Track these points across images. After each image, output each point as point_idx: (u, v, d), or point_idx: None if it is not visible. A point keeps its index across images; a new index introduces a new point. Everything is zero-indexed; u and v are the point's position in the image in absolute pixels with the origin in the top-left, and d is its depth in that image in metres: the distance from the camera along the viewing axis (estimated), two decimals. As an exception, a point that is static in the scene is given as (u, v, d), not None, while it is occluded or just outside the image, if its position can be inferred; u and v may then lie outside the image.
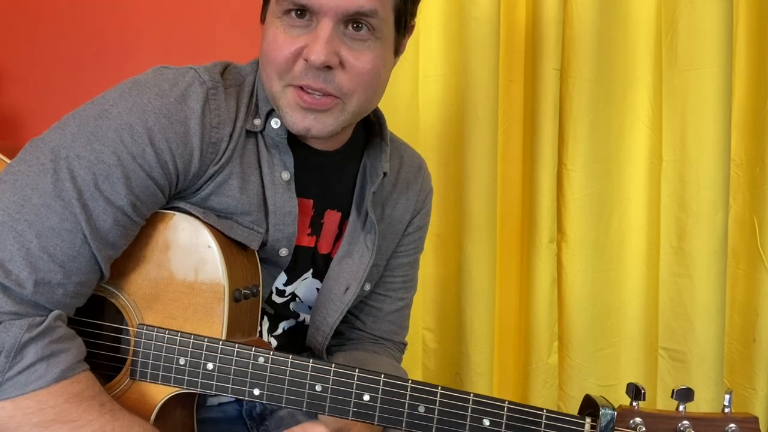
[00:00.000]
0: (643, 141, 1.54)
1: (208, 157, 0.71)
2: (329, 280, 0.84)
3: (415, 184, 0.93)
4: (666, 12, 1.45)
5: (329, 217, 0.84)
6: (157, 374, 0.67)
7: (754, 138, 1.54)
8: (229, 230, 0.72)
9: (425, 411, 0.63)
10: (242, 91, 0.76)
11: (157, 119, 0.67)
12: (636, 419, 0.58)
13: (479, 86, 1.39)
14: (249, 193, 0.74)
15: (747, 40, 1.54)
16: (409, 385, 0.64)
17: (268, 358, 0.66)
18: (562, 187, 1.49)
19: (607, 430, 0.59)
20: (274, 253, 0.78)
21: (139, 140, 0.66)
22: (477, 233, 1.43)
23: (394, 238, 0.92)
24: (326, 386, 0.65)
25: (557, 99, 1.43)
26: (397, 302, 0.96)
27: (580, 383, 1.57)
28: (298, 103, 0.71)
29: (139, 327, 0.68)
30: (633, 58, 1.51)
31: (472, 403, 0.62)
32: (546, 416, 0.61)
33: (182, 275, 0.69)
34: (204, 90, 0.71)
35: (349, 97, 0.73)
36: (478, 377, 1.47)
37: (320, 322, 0.85)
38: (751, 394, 1.59)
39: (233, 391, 0.66)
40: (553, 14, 1.39)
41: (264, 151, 0.76)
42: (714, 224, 1.44)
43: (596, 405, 0.60)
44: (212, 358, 0.66)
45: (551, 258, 1.48)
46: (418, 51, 1.43)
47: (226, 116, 0.72)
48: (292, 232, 0.77)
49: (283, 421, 0.88)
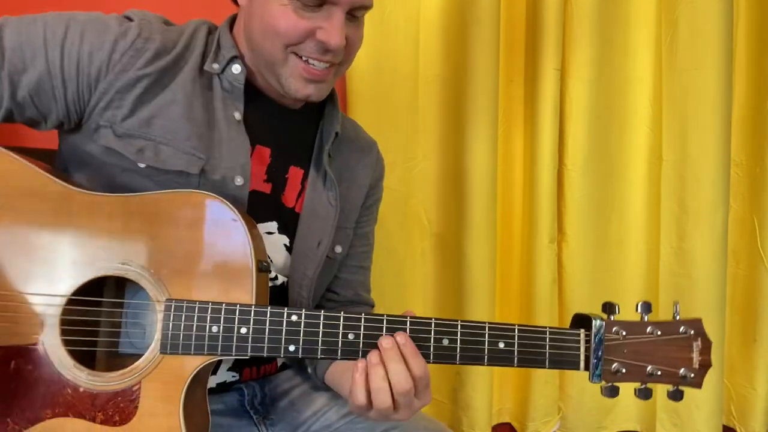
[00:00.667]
0: (643, 141, 1.54)
1: (128, 58, 0.76)
2: (301, 238, 0.88)
3: (371, 155, 1.01)
4: (666, 12, 1.45)
5: (293, 173, 0.89)
6: (189, 344, 0.70)
7: (754, 138, 1.55)
8: (168, 161, 0.77)
9: (449, 342, 0.71)
10: (195, 34, 0.84)
11: (87, 16, 0.77)
12: (616, 327, 0.73)
13: (479, 86, 1.39)
14: (193, 121, 0.79)
15: (747, 40, 1.54)
16: (432, 321, 0.71)
17: (300, 315, 0.70)
18: (562, 187, 1.50)
19: (599, 335, 0.73)
20: (230, 182, 0.80)
21: (58, 19, 0.75)
22: (477, 233, 1.43)
23: (357, 202, 0.97)
24: (358, 333, 0.71)
25: (557, 99, 1.44)
26: (364, 271, 1.04)
27: (580, 383, 1.57)
28: (303, 75, 0.79)
29: (167, 302, 0.70)
30: (633, 58, 1.51)
31: (489, 330, 0.72)
32: (549, 333, 0.73)
33: (208, 249, 0.72)
34: (135, 16, 0.80)
35: (343, 64, 0.84)
36: (478, 377, 1.47)
37: (300, 278, 0.88)
38: (751, 394, 1.60)
39: (268, 350, 0.70)
40: (553, 14, 1.39)
41: (219, 91, 0.82)
42: (714, 224, 1.44)
43: (587, 318, 0.74)
44: (245, 321, 0.70)
45: (551, 258, 1.48)
46: (418, 51, 1.44)
47: (158, 37, 0.79)
48: (245, 161, 0.81)
49: (285, 411, 0.90)
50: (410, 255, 1.49)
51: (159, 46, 0.78)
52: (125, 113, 0.76)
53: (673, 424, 1.55)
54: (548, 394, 1.55)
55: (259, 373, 0.93)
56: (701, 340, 0.76)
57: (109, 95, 0.76)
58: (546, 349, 0.73)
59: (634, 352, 0.74)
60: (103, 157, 0.77)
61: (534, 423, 1.56)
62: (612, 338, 0.73)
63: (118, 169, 0.77)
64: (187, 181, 0.78)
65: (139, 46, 0.77)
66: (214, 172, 0.79)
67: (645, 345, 0.74)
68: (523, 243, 1.55)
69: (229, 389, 0.90)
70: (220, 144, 0.80)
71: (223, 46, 0.83)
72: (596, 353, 0.73)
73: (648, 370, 0.74)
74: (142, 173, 0.77)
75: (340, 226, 0.92)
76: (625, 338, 0.73)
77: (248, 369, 0.90)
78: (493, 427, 1.58)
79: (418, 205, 1.48)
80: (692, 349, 0.75)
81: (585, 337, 0.73)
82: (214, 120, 0.81)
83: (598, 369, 0.73)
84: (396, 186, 1.44)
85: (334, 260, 0.94)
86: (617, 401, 1.63)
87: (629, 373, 0.74)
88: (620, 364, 0.73)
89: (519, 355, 0.72)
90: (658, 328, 0.74)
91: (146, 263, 0.71)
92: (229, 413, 0.88)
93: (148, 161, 0.76)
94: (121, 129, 0.76)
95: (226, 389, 0.90)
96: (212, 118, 0.81)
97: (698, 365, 0.76)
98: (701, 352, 0.76)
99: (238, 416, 0.88)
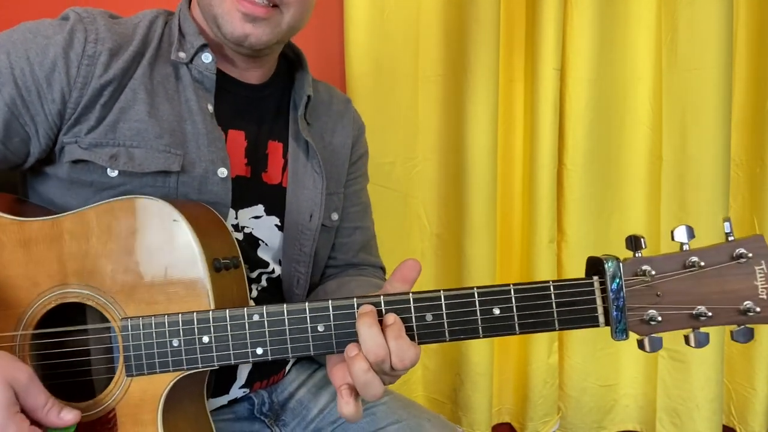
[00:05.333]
0: (643, 141, 1.54)
1: (85, 68, 0.72)
2: (291, 213, 0.86)
3: (348, 114, 0.98)
4: (666, 12, 1.45)
5: (273, 148, 0.86)
6: (154, 363, 0.64)
7: (754, 138, 1.55)
8: (145, 164, 0.73)
9: (433, 318, 0.62)
10: (152, 27, 0.80)
11: (22, 34, 0.71)
12: (643, 266, 0.60)
13: (479, 86, 1.39)
14: (160, 117, 0.75)
15: (747, 40, 1.54)
16: (410, 296, 0.62)
17: (262, 313, 0.63)
18: (561, 187, 1.50)
19: (616, 280, 0.60)
20: (213, 175, 0.77)
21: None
22: (477, 233, 1.43)
23: (343, 164, 0.94)
24: (328, 324, 0.63)
25: (557, 99, 1.43)
26: (364, 231, 0.99)
27: (580, 383, 1.57)
28: (237, 8, 0.74)
29: (123, 320, 0.65)
30: (633, 58, 1.51)
31: (479, 296, 0.62)
32: (554, 287, 0.62)
33: (154, 257, 0.67)
34: (75, 15, 0.74)
35: (287, 7, 0.77)
36: (478, 377, 1.47)
37: (297, 254, 0.86)
38: (751, 394, 1.59)
39: (235, 356, 0.64)
40: (553, 14, 1.39)
41: (188, 81, 0.78)
42: (714, 224, 1.44)
43: (599, 261, 0.62)
44: (205, 330, 0.64)
45: (551, 258, 1.48)
46: (418, 51, 1.44)
47: (107, 35, 0.74)
48: (225, 155, 0.78)
49: (295, 410, 0.89)
50: (410, 255, 1.49)
51: (112, 46, 0.74)
52: (91, 125, 0.73)
53: (673, 424, 1.54)
54: (548, 394, 1.55)
55: (269, 382, 0.91)
56: (767, 261, 0.58)
57: (77, 113, 0.72)
58: (553, 308, 0.61)
59: (672, 292, 0.59)
60: (71, 181, 0.73)
61: (534, 423, 1.56)
62: (637, 281, 0.60)
63: (90, 191, 0.73)
64: (166, 182, 0.74)
65: (91, 51, 0.72)
66: (194, 166, 0.76)
67: (686, 282, 0.59)
68: (523, 243, 1.55)
69: (239, 401, 0.88)
70: (196, 137, 0.77)
71: (187, 32, 0.80)
72: (616, 303, 0.60)
73: (695, 312, 0.59)
74: (114, 183, 0.73)
75: (330, 193, 0.89)
76: (654, 278, 0.60)
77: (258, 383, 0.88)
78: (492, 427, 1.58)
79: (418, 205, 1.48)
80: (755, 275, 0.58)
81: (600, 285, 0.61)
82: (186, 112, 0.77)
83: (622, 322, 0.60)
84: (396, 186, 1.44)
85: (331, 229, 0.91)
86: (617, 401, 1.63)
87: (669, 320, 0.60)
88: (655, 310, 0.60)
89: (520, 320, 0.61)
90: (702, 258, 0.59)
91: (96, 284, 0.67)
92: (241, 421, 0.86)
93: (123, 167, 0.72)
94: (86, 141, 0.72)
95: (236, 401, 0.88)
96: (183, 109, 0.77)
97: (767, 294, 0.59)
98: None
99: (251, 422, 0.87)
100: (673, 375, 1.53)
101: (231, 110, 0.83)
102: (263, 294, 0.86)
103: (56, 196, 0.76)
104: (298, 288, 0.88)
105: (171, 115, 0.76)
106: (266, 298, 0.86)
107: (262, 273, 0.86)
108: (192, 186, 0.76)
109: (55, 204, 0.76)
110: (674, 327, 0.60)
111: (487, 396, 1.48)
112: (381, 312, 0.62)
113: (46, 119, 0.72)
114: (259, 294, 0.86)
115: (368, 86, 1.39)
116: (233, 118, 0.83)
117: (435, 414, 0.86)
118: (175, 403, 0.68)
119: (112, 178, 0.73)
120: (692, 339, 0.61)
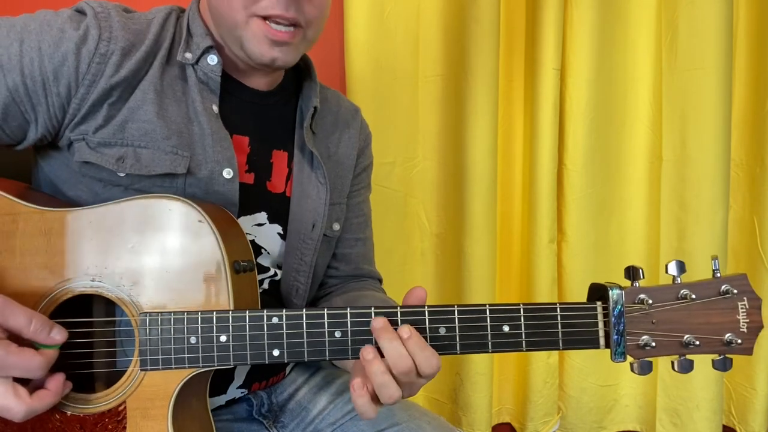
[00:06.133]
0: (643, 141, 1.54)
1: (96, 66, 0.72)
2: (294, 222, 0.86)
3: (354, 123, 0.97)
4: (666, 12, 1.45)
5: (277, 157, 0.86)
6: (170, 358, 0.66)
7: (754, 138, 1.55)
8: (152, 165, 0.74)
9: (446, 331, 0.65)
10: (165, 25, 0.79)
11: (39, 24, 0.71)
12: (641, 295, 0.65)
13: (479, 86, 1.39)
14: (168, 118, 0.75)
15: (747, 40, 1.54)
16: (426, 308, 0.65)
17: (281, 315, 0.65)
18: (562, 187, 1.50)
19: (618, 306, 0.65)
20: (219, 176, 0.77)
21: (10, 36, 0.70)
22: (477, 233, 1.43)
23: (347, 176, 0.94)
24: (345, 330, 0.65)
25: (557, 99, 1.44)
26: (365, 241, 1.00)
27: (580, 383, 1.57)
28: (267, 35, 0.75)
29: (141, 315, 0.66)
30: (633, 58, 1.51)
31: (490, 312, 0.65)
32: (560, 309, 0.66)
33: (177, 255, 0.68)
34: (91, 10, 0.74)
35: (311, 26, 0.78)
36: (478, 377, 1.47)
37: (297, 263, 0.86)
38: (751, 394, 1.60)
39: (252, 357, 0.66)
40: (553, 14, 1.39)
41: (194, 82, 0.79)
42: (714, 224, 1.44)
43: (603, 288, 0.66)
44: (224, 329, 0.66)
45: (551, 258, 1.48)
46: (418, 51, 1.44)
47: (121, 33, 0.74)
48: (231, 155, 0.78)
49: (295, 412, 0.89)
50: (410, 255, 1.49)
51: (124, 45, 0.74)
52: (99, 123, 0.73)
53: (673, 424, 1.55)
54: (548, 394, 1.55)
55: (268, 383, 0.91)
56: (748, 298, 0.64)
57: (83, 110, 0.73)
58: (558, 329, 0.65)
59: (665, 321, 0.65)
60: (82, 174, 0.74)
61: (534, 423, 1.56)
62: (635, 308, 0.65)
63: (99, 185, 0.74)
64: (173, 183, 0.75)
65: (104, 50, 0.72)
66: (200, 168, 0.76)
67: (678, 312, 0.65)
68: (523, 243, 1.55)
69: (237, 401, 0.88)
70: (202, 138, 0.77)
71: (195, 33, 0.80)
72: (617, 328, 0.64)
73: (684, 341, 0.64)
74: (123, 183, 0.73)
75: (333, 203, 0.89)
76: (651, 307, 0.64)
77: (257, 383, 0.88)
78: (493, 427, 1.58)
79: (418, 205, 1.48)
80: (737, 310, 0.65)
81: (602, 310, 0.65)
82: (193, 113, 0.78)
83: (621, 346, 0.64)
84: (396, 186, 1.44)
85: (332, 238, 0.92)
86: (617, 401, 1.63)
87: (661, 346, 0.65)
88: (649, 336, 0.65)
89: (527, 338, 0.65)
90: (693, 291, 0.64)
91: (117, 277, 0.68)
92: (240, 421, 0.86)
93: (130, 169, 0.73)
94: (95, 140, 0.73)
95: (234, 401, 0.88)
96: (189, 111, 0.78)
97: (746, 328, 0.65)
98: (749, 313, 0.65)
99: (249, 423, 0.87)
100: (673, 375, 1.53)
101: (235, 114, 0.82)
102: (264, 297, 0.86)
103: (66, 186, 0.77)
104: (297, 297, 0.88)
105: (179, 116, 0.77)
106: (267, 300, 0.86)
107: (264, 278, 0.86)
108: (199, 187, 0.76)
109: (63, 191, 0.77)
110: (665, 353, 0.66)
111: (487, 396, 1.48)
112: (395, 322, 0.65)
113: (48, 110, 0.72)
114: (260, 296, 0.86)
115: (368, 86, 1.39)
116: (238, 122, 0.82)
117: (435, 416, 0.86)
118: (184, 400, 0.69)
119: (120, 177, 0.73)
120: (677, 365, 0.66)
